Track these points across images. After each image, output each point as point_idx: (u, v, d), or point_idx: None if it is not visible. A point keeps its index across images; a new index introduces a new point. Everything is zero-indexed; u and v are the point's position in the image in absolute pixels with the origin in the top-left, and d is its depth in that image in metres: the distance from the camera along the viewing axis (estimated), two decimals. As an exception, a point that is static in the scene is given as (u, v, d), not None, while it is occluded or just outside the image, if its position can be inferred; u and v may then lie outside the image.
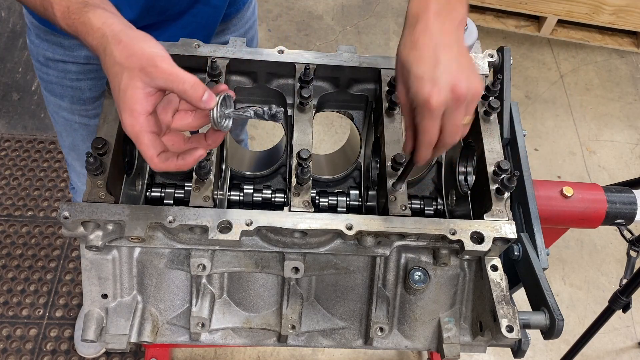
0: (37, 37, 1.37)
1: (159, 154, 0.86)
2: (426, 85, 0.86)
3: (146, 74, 0.82)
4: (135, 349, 2.35)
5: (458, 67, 0.87)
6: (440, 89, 0.85)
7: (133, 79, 0.82)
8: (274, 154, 1.46)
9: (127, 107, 0.83)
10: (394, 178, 1.09)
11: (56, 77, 1.42)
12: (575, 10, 3.49)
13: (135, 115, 0.83)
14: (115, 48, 0.83)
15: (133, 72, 0.82)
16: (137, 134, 0.84)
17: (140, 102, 0.82)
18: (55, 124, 1.57)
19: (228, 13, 1.45)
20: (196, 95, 0.82)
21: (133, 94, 0.82)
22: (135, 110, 0.82)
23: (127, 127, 0.84)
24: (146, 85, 0.82)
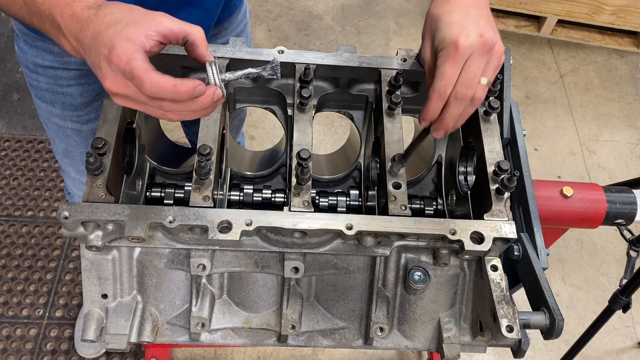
0: (25, 43, 1.35)
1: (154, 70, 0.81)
2: (455, 29, 0.88)
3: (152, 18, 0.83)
4: (135, 349, 2.35)
5: (487, 22, 0.90)
6: (468, 33, 0.87)
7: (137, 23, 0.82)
8: (274, 154, 1.46)
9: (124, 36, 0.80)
10: (394, 178, 1.08)
11: (46, 84, 1.40)
12: (575, 10, 3.49)
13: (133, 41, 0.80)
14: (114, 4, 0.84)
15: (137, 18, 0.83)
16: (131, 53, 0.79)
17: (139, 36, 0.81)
18: (48, 130, 1.56)
19: (220, 17, 1.45)
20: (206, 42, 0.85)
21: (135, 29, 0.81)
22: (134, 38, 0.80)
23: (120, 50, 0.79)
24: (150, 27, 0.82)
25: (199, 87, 0.82)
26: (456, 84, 0.89)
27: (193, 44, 0.85)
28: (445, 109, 0.92)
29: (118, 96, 0.85)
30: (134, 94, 0.83)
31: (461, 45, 0.86)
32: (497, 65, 0.92)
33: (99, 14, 0.84)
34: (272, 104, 1.32)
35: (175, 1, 1.28)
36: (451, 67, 0.88)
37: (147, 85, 0.79)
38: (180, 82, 0.81)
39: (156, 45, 0.84)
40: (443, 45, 0.89)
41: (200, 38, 0.86)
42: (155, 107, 0.84)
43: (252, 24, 3.56)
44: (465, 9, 0.91)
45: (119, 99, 0.85)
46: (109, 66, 0.81)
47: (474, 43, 0.87)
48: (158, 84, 0.80)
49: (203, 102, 0.85)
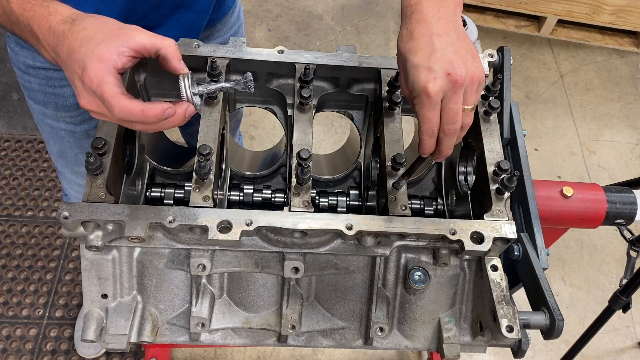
0: (16, 44, 1.35)
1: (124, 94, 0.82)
2: (422, 73, 0.86)
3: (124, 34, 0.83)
4: (135, 349, 2.35)
5: (454, 52, 0.87)
6: (436, 76, 0.85)
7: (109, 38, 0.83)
8: (274, 154, 1.46)
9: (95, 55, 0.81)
10: (394, 178, 1.08)
11: (38, 85, 1.40)
12: (575, 10, 3.49)
13: (104, 61, 0.81)
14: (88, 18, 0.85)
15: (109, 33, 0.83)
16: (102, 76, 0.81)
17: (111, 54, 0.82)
18: (42, 131, 1.55)
19: (212, 18, 1.44)
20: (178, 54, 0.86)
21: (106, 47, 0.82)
22: (105, 58, 0.81)
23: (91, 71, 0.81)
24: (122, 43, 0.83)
25: (167, 110, 0.84)
26: (441, 123, 0.89)
27: (165, 58, 0.86)
28: (439, 143, 0.92)
29: (93, 113, 0.87)
30: (107, 113, 0.85)
31: (431, 92, 0.85)
32: (477, 89, 0.89)
33: (73, 29, 0.85)
34: (272, 104, 1.32)
35: (167, 6, 1.28)
36: (430, 112, 0.87)
37: (116, 110, 0.82)
38: (148, 107, 0.83)
39: (129, 60, 0.85)
40: (415, 92, 0.88)
41: (172, 52, 0.86)
42: (127, 126, 0.88)
43: (252, 24, 3.56)
44: (429, 42, 0.87)
45: (94, 115, 0.88)
46: (82, 86, 0.83)
47: (444, 85, 0.85)
48: (126, 109, 0.82)
49: (173, 121, 0.87)
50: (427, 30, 0.88)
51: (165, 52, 0.86)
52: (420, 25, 0.89)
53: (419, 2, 0.91)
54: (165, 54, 0.86)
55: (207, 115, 1.11)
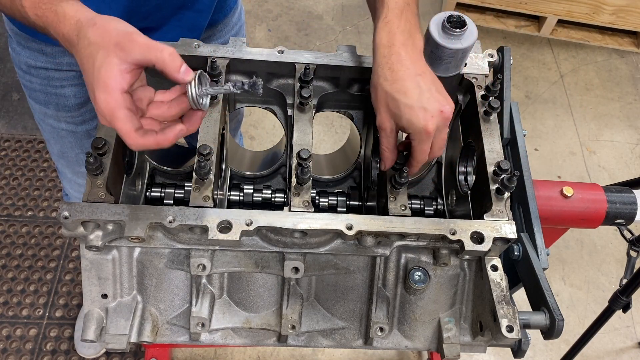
0: (18, 44, 1.35)
1: (137, 130, 0.83)
2: (419, 114, 0.97)
3: (122, 49, 0.81)
4: (135, 349, 2.35)
5: (437, 91, 0.99)
6: (432, 115, 0.97)
7: (109, 56, 0.81)
8: (274, 154, 1.46)
9: (101, 84, 0.81)
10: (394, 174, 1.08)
11: (40, 85, 1.40)
12: (575, 10, 3.49)
13: (110, 90, 0.81)
14: (89, 30, 0.83)
15: (108, 48, 0.81)
16: (112, 110, 0.81)
17: (115, 78, 0.81)
18: (43, 131, 1.56)
19: (214, 19, 1.44)
20: (174, 65, 0.82)
21: (108, 69, 0.81)
22: (110, 86, 0.81)
23: (101, 104, 0.81)
24: (122, 61, 0.81)
25: (179, 132, 0.87)
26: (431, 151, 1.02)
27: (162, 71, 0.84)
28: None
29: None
30: None
31: (430, 130, 0.97)
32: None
33: (79, 43, 0.85)
34: (272, 104, 1.32)
35: (169, 7, 1.28)
36: (427, 146, 1.01)
37: (133, 147, 0.85)
38: (162, 138, 0.85)
39: (134, 75, 0.84)
40: (412, 130, 0.99)
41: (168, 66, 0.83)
42: None
43: (252, 24, 3.56)
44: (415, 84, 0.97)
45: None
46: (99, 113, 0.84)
47: (438, 122, 0.98)
48: (142, 145, 0.84)
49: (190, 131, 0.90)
50: (409, 71, 0.98)
51: (161, 67, 0.83)
52: (402, 67, 0.98)
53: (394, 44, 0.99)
54: (162, 68, 0.84)
55: (207, 115, 1.11)
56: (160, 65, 0.83)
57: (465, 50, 1.12)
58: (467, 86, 1.22)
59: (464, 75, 1.20)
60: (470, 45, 1.12)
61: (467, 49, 1.12)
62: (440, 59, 1.14)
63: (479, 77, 1.19)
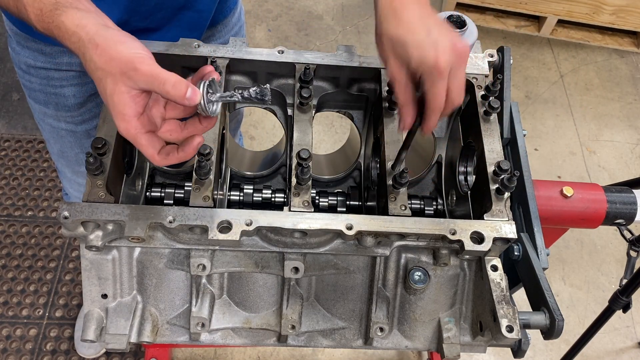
0: (18, 44, 1.35)
1: (159, 152, 0.87)
2: (430, 50, 0.88)
3: (128, 77, 0.81)
4: (135, 349, 2.35)
5: (447, 30, 0.92)
6: (444, 49, 0.88)
7: (117, 84, 0.82)
8: (274, 154, 1.46)
9: (118, 113, 0.83)
10: (393, 175, 1.08)
11: (39, 85, 1.40)
12: (575, 10, 3.49)
13: (127, 119, 0.83)
14: (94, 53, 0.82)
15: (115, 77, 0.81)
16: (134, 137, 0.85)
17: (129, 105, 0.82)
18: (43, 131, 1.56)
19: (214, 19, 1.44)
20: (179, 94, 0.82)
21: (120, 99, 0.82)
22: (126, 115, 0.83)
23: (122, 132, 0.85)
24: (130, 88, 0.82)
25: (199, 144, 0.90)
26: (448, 97, 0.92)
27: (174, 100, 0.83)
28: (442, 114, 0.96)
29: None
30: None
31: (442, 65, 0.89)
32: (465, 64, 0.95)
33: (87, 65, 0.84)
34: (272, 104, 1.32)
35: (169, 7, 1.28)
36: (441, 87, 0.91)
37: (157, 163, 0.89)
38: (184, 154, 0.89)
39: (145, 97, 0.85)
40: (424, 68, 0.90)
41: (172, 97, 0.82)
42: None
43: (252, 24, 3.56)
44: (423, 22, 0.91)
45: None
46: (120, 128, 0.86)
47: (451, 59, 0.89)
48: (166, 164, 0.89)
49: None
50: (415, 12, 0.92)
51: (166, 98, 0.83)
52: (407, 10, 0.92)
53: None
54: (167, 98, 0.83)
55: (207, 115, 1.11)
56: (165, 96, 0.83)
57: (465, 50, 1.12)
58: (467, 86, 1.21)
59: (464, 75, 1.19)
60: (470, 45, 1.12)
61: (467, 49, 1.12)
62: (440, 59, 1.14)
63: (479, 77, 1.19)
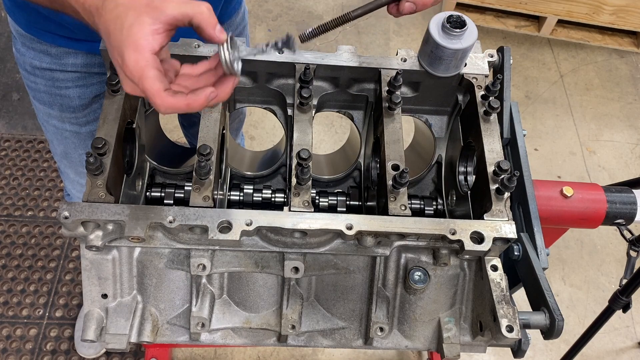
0: (23, 45, 1.35)
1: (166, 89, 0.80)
2: None
3: (154, 8, 0.79)
4: (135, 349, 2.35)
5: None
6: None
7: (140, 16, 0.79)
8: (274, 154, 1.46)
9: (131, 43, 0.79)
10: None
11: (44, 86, 1.40)
12: (575, 10, 3.49)
13: (140, 49, 0.79)
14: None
15: (139, 9, 0.79)
16: (141, 69, 0.79)
17: (147, 38, 0.79)
18: (46, 132, 1.56)
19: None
20: (212, 21, 0.80)
21: (140, 29, 0.79)
22: (141, 45, 0.79)
23: (130, 63, 0.79)
24: (154, 20, 0.79)
25: (211, 95, 0.82)
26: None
27: (199, 27, 0.82)
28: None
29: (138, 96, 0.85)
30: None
31: None
32: None
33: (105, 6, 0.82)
34: (272, 104, 1.32)
35: None
36: None
37: (162, 109, 0.80)
38: (192, 99, 0.81)
39: (165, 36, 0.82)
40: None
41: (205, 20, 0.81)
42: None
43: (252, 24, 3.55)
44: None
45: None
46: (124, 75, 0.82)
47: None
48: (172, 106, 0.80)
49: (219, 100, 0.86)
50: None
51: (198, 21, 0.81)
52: None
53: None
54: (198, 22, 0.82)
55: (207, 115, 1.11)
56: (198, 19, 0.81)
57: (465, 50, 1.12)
58: (467, 86, 1.22)
59: (464, 75, 1.20)
60: (470, 45, 1.12)
61: (467, 49, 1.12)
62: (440, 59, 1.14)
63: (479, 77, 1.19)
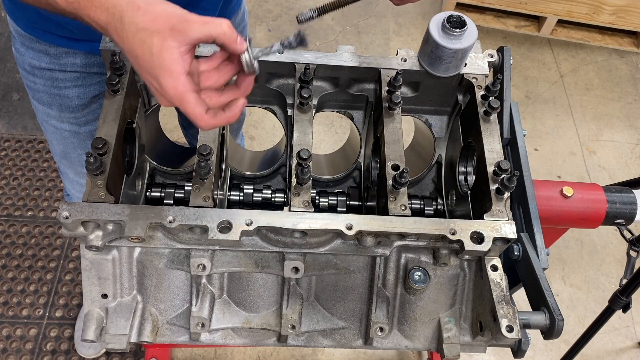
0: (22, 45, 1.35)
1: (207, 111, 0.85)
2: None
3: (178, 32, 0.81)
4: (135, 349, 2.35)
5: None
6: None
7: (166, 40, 0.81)
8: (274, 154, 1.46)
9: (165, 70, 0.81)
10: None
11: (43, 86, 1.40)
12: (575, 10, 3.49)
13: (176, 76, 0.81)
14: (135, 14, 0.81)
15: (163, 33, 0.81)
16: (181, 95, 0.82)
17: (178, 62, 0.81)
18: (46, 132, 1.56)
19: None
20: (234, 36, 0.84)
21: (170, 55, 0.81)
22: (175, 71, 0.81)
23: (169, 91, 0.82)
24: (180, 44, 0.81)
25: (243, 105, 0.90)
26: None
27: (222, 45, 0.86)
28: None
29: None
30: None
31: None
32: None
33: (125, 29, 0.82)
34: (272, 104, 1.32)
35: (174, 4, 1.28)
36: None
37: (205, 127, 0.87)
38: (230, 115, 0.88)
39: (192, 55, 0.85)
40: None
41: (228, 38, 0.85)
42: None
43: (252, 24, 3.55)
44: None
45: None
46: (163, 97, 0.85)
47: None
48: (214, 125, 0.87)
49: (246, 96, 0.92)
50: None
51: (222, 41, 0.85)
52: None
53: None
54: (222, 41, 0.85)
55: (207, 115, 1.11)
56: (222, 38, 0.84)
57: (465, 50, 1.12)
58: (467, 86, 1.22)
59: (464, 75, 1.20)
60: (470, 45, 1.12)
61: (467, 49, 1.12)
62: (440, 59, 1.14)
63: (479, 77, 1.19)
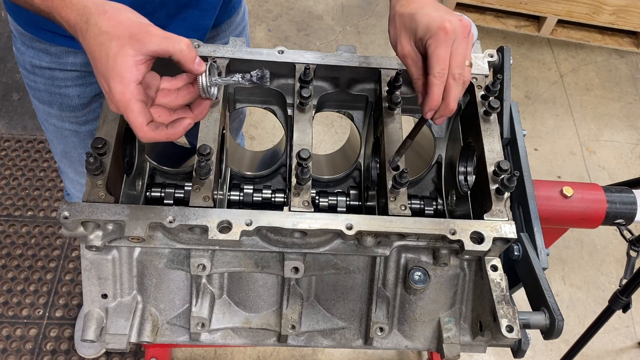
0: (22, 44, 1.35)
1: (148, 123, 0.86)
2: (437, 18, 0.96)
3: (137, 40, 0.82)
4: (135, 349, 2.35)
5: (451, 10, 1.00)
6: (450, 19, 0.96)
7: (123, 47, 0.82)
8: (274, 154, 1.46)
9: (116, 75, 0.82)
10: (394, 172, 1.08)
11: (44, 85, 1.40)
12: (575, 10, 3.49)
13: (126, 82, 0.82)
14: (100, 18, 0.83)
15: (122, 40, 0.82)
16: (127, 102, 0.83)
17: (131, 70, 0.82)
18: (46, 131, 1.56)
19: (218, 19, 1.44)
20: (191, 56, 0.85)
21: (124, 61, 0.82)
22: (126, 78, 0.82)
23: (116, 96, 0.83)
24: (137, 52, 0.82)
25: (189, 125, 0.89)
26: (450, 67, 0.96)
27: (178, 62, 0.86)
28: (447, 93, 0.97)
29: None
30: None
31: (448, 29, 0.94)
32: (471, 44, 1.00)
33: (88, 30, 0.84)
34: (272, 104, 1.32)
35: (172, 4, 1.28)
36: (444, 50, 0.95)
37: (143, 140, 0.87)
38: (172, 132, 0.88)
39: (147, 65, 0.85)
40: (430, 33, 0.96)
41: (184, 56, 0.86)
42: None
43: (252, 24, 3.56)
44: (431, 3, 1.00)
45: None
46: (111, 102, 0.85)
47: (457, 26, 0.95)
48: (153, 138, 0.87)
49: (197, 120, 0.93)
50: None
51: (178, 58, 0.86)
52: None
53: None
54: (178, 59, 0.86)
55: (207, 115, 1.11)
56: (178, 56, 0.84)
57: (465, 50, 1.12)
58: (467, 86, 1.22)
59: (464, 75, 1.19)
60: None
61: (467, 49, 1.12)
62: (440, 59, 1.14)
63: (479, 77, 1.19)
